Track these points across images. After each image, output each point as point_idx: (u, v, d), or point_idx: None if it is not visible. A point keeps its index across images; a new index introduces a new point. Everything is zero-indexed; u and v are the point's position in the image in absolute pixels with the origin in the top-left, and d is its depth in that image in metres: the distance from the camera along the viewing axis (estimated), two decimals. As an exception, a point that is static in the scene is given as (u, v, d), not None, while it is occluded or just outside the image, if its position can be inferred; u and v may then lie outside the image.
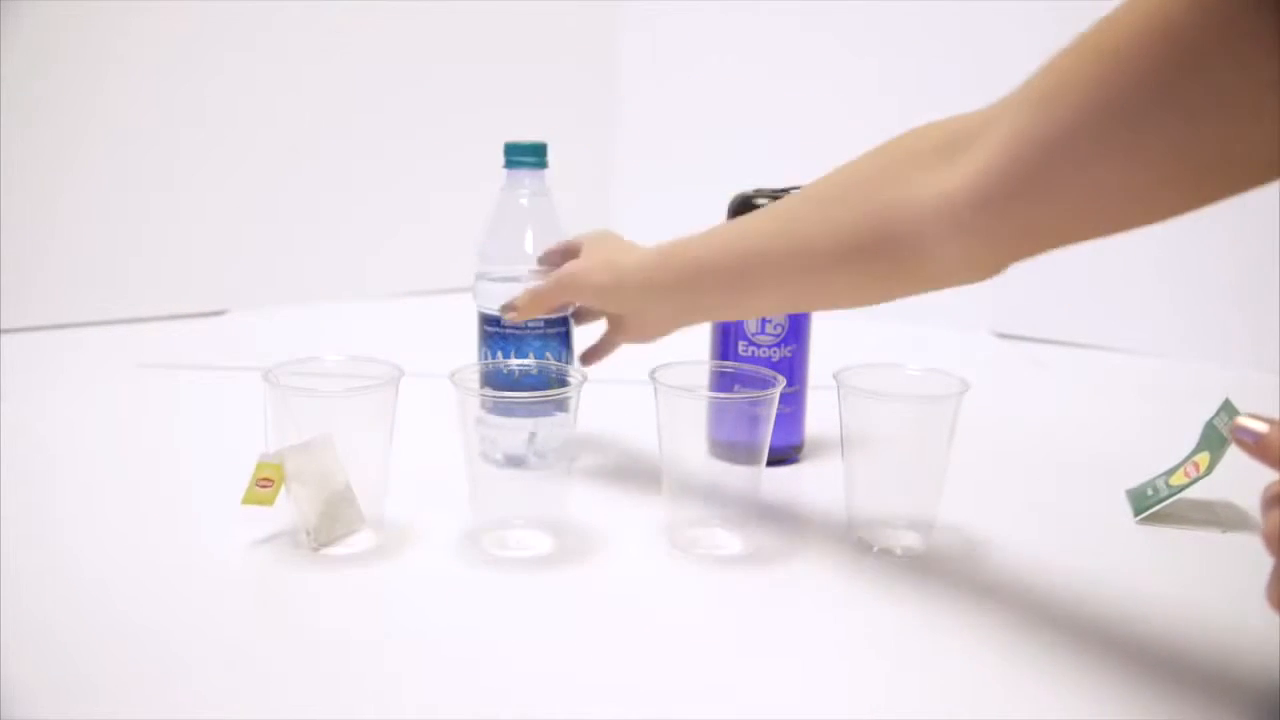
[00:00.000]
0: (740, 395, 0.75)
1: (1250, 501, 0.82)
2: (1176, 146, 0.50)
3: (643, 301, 0.78)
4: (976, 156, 0.57)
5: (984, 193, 0.57)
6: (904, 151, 0.63)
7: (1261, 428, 0.49)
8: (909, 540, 0.72)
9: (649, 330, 0.81)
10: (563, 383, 0.75)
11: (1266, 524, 0.48)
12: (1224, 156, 0.49)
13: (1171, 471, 0.80)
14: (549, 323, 0.83)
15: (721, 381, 0.78)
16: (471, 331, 0.86)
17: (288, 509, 0.70)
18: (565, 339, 0.85)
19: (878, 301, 0.67)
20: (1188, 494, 0.76)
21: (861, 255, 0.64)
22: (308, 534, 0.69)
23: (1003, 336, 1.37)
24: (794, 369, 0.86)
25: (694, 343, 0.89)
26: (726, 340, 0.86)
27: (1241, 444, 0.50)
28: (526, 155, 0.84)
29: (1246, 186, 0.50)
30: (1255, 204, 1.25)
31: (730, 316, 0.85)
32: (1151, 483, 0.81)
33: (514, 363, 0.80)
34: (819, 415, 0.89)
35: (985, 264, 0.61)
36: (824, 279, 0.68)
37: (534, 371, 0.80)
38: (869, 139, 0.66)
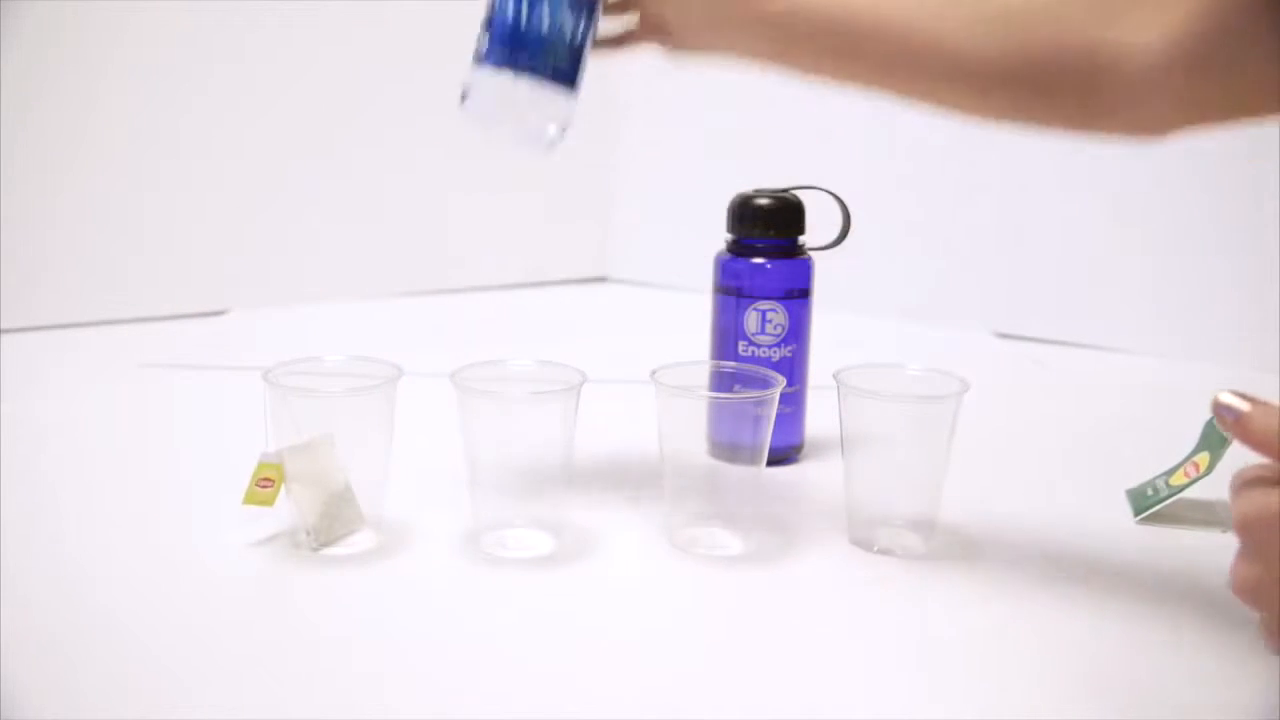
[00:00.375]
0: (740, 395, 0.75)
1: (1250, 501, 0.82)
2: None
3: (706, 12, 0.69)
4: (1180, 9, 0.56)
5: (1191, 48, 0.56)
6: None
7: (1243, 405, 0.49)
8: (909, 540, 0.72)
9: (689, 41, 0.71)
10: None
11: (1237, 507, 0.47)
12: None
13: (1171, 471, 0.80)
14: None
15: (721, 381, 0.78)
16: (471, 332, 0.86)
17: (288, 509, 0.70)
18: (591, 9, 0.69)
19: (1020, 121, 0.64)
20: (1188, 494, 0.76)
21: (1045, 83, 0.61)
22: (308, 534, 0.69)
23: (1003, 336, 1.37)
24: (794, 369, 0.86)
25: (694, 343, 0.90)
26: (726, 340, 0.86)
27: (1222, 421, 0.50)
28: None
29: None
30: (1255, 204, 1.25)
31: (799, 74, 0.74)
32: (1151, 483, 0.81)
33: None
34: (819, 415, 0.89)
35: (1164, 124, 0.60)
36: (978, 91, 0.64)
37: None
38: (868, 138, 0.66)
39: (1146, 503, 0.78)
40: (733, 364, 0.81)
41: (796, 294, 0.86)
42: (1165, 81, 0.58)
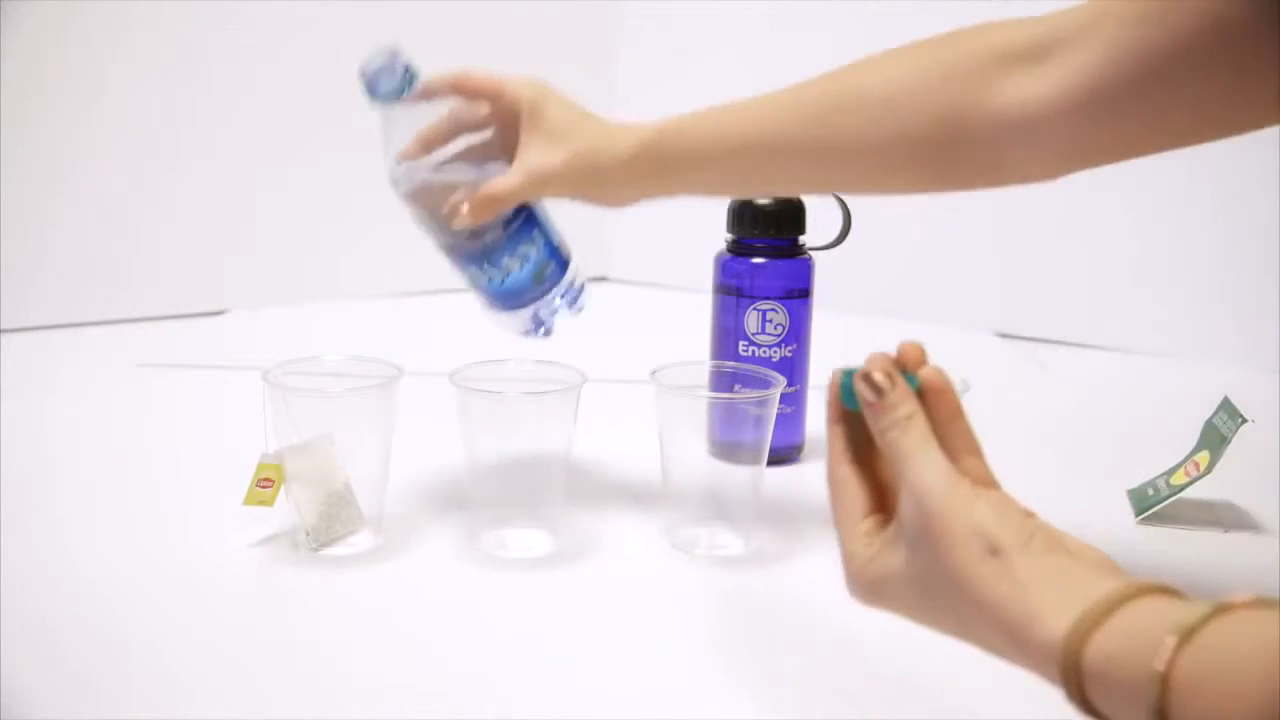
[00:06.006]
0: (740, 395, 0.75)
1: (1250, 501, 0.83)
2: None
3: (623, 190, 0.72)
4: (1067, 65, 0.57)
5: (1073, 104, 0.57)
6: (973, 52, 0.62)
7: (887, 385, 0.50)
8: (909, 540, 0.72)
9: (612, 204, 0.74)
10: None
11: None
12: None
13: (1171, 471, 0.80)
14: (508, 219, 0.72)
15: (721, 381, 0.78)
16: (471, 331, 0.86)
17: (288, 509, 0.70)
18: (535, 219, 0.75)
19: (924, 193, 0.67)
20: (1188, 494, 0.76)
21: (926, 158, 0.63)
22: (307, 534, 0.69)
23: (1003, 336, 1.37)
24: (794, 369, 0.86)
25: (694, 343, 0.89)
26: (726, 340, 0.86)
27: (863, 399, 0.50)
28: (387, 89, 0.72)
29: None
30: (1255, 204, 1.24)
31: (728, 196, 0.82)
32: (1152, 483, 0.81)
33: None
34: (819, 415, 0.88)
35: (1054, 171, 0.62)
36: (870, 178, 0.67)
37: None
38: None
39: (1147, 503, 0.78)
40: (733, 364, 0.81)
41: (796, 294, 0.86)
42: (1046, 137, 0.59)
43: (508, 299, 0.75)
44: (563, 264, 0.77)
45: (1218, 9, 0.52)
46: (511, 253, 0.73)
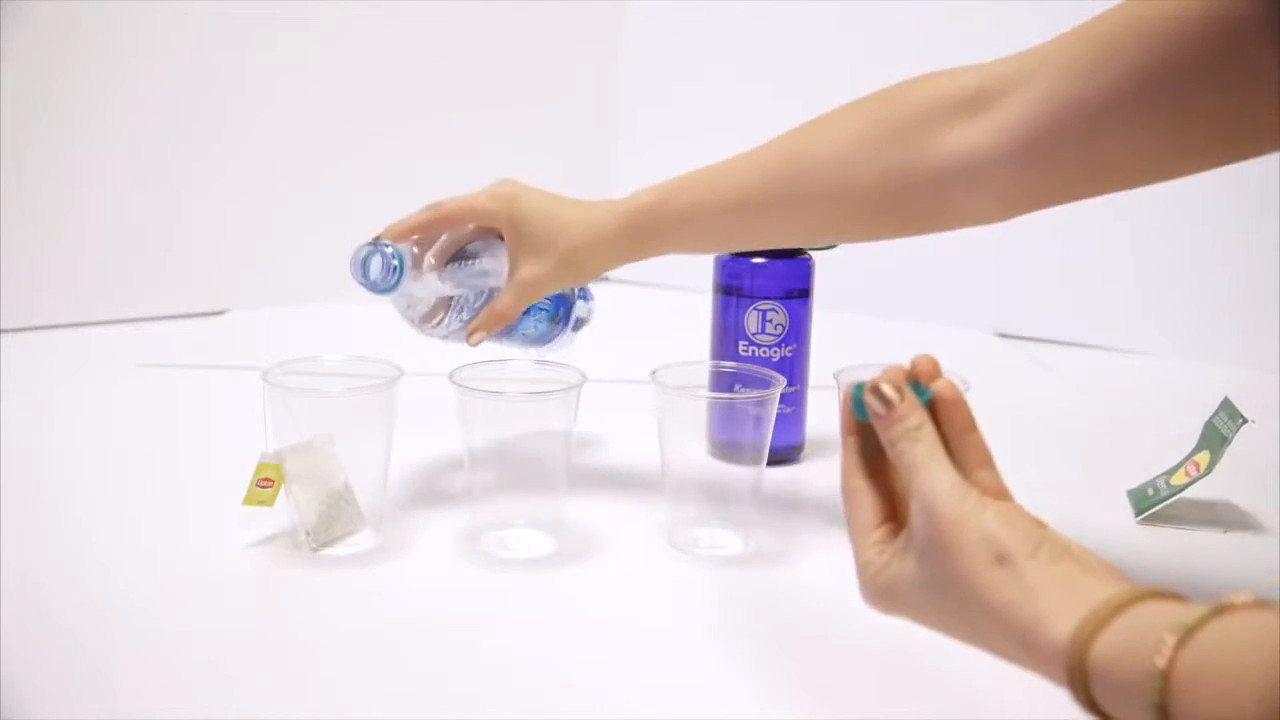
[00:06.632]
0: (740, 395, 0.75)
1: (1250, 501, 0.83)
2: (1218, 114, 0.53)
3: (610, 267, 0.77)
4: (1005, 115, 0.59)
5: (1012, 151, 0.59)
6: (918, 105, 0.63)
7: (896, 398, 0.50)
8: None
9: (587, 280, 0.80)
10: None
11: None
12: (1265, 122, 0.51)
13: (1171, 471, 0.80)
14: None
15: (721, 381, 0.78)
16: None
17: (288, 509, 0.70)
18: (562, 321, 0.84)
19: (885, 239, 0.70)
20: (1188, 494, 0.76)
21: (879, 212, 0.66)
22: (307, 534, 0.69)
23: (1003, 336, 1.37)
24: (794, 369, 0.86)
25: (694, 342, 0.89)
26: (726, 340, 0.86)
27: (872, 411, 0.51)
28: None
29: None
30: (1255, 204, 1.24)
31: (708, 254, 0.86)
32: (1151, 483, 0.81)
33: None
34: (819, 415, 0.88)
35: (1000, 214, 0.64)
36: (832, 230, 0.71)
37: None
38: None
39: (1147, 503, 0.78)
40: (733, 364, 0.81)
41: (796, 294, 0.86)
42: (986, 183, 0.61)
43: (532, 346, 0.83)
44: (570, 304, 0.83)
45: (1148, 60, 0.53)
46: (525, 325, 0.81)
